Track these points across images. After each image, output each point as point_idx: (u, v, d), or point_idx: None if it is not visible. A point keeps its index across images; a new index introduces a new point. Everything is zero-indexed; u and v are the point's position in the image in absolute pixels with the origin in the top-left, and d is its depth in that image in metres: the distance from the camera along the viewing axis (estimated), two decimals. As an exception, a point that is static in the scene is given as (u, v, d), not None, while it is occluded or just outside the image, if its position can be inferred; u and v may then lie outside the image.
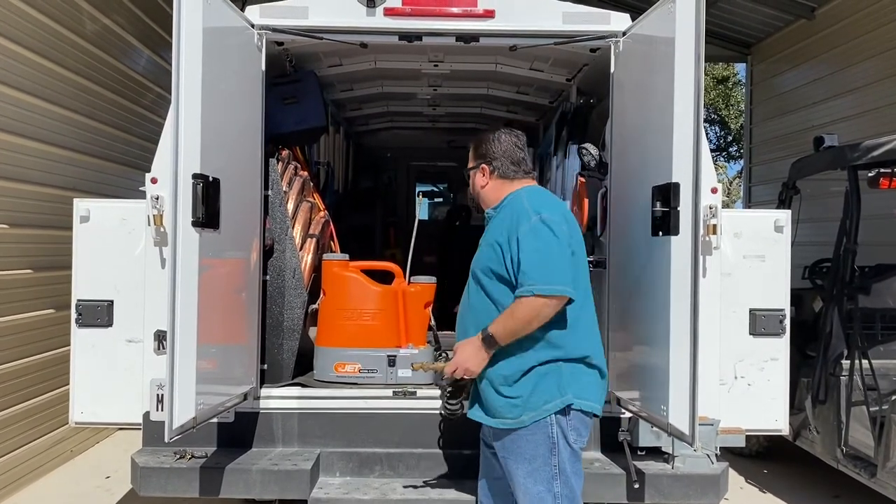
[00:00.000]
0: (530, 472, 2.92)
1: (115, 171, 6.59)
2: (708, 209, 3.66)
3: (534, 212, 2.90)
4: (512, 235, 2.89)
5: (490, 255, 2.96)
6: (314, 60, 5.00)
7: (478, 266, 3.03)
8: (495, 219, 3.10)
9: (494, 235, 2.99)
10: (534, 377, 2.90)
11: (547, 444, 2.90)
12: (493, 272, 2.95)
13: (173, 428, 3.08)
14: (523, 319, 2.81)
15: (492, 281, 2.96)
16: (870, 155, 4.85)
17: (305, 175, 4.84)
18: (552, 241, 2.85)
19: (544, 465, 2.91)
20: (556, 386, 2.91)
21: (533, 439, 2.91)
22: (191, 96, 3.17)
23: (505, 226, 2.95)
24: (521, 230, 2.86)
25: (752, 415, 4.03)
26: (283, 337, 4.19)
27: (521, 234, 2.86)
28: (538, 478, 2.91)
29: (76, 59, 5.95)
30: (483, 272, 2.99)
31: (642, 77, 3.73)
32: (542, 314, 2.81)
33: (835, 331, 5.01)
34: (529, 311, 2.80)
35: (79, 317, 3.93)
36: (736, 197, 23.20)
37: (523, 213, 2.92)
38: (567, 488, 2.94)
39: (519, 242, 2.85)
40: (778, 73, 10.47)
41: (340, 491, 3.74)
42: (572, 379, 2.93)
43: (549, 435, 2.90)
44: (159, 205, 3.67)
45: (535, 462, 2.91)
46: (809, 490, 5.65)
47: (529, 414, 2.89)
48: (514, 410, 2.90)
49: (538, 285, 2.78)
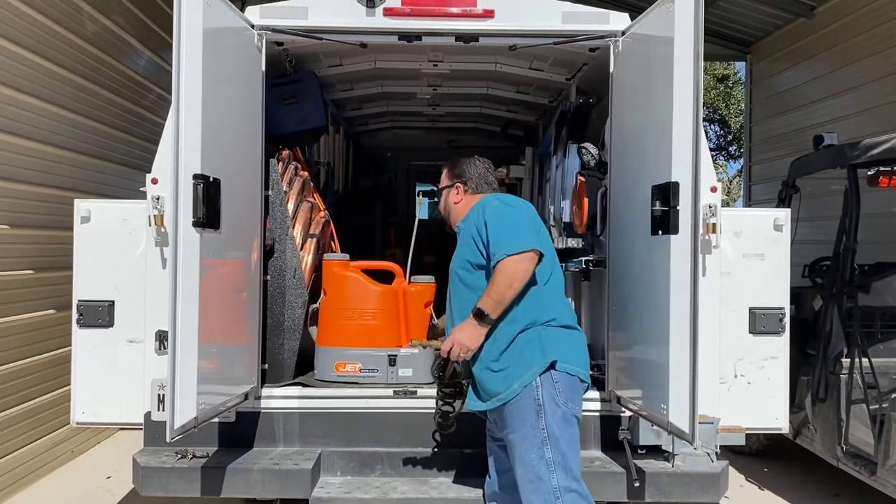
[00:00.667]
0: (522, 438, 3.02)
1: (115, 172, 6.59)
2: (707, 208, 3.67)
3: (496, 199, 3.27)
4: (480, 224, 3.16)
5: (465, 251, 3.22)
6: (314, 60, 5.01)
7: (456, 265, 3.28)
8: (462, 227, 3.36)
9: (466, 236, 3.26)
10: (517, 345, 3.08)
11: (533, 408, 3.01)
12: (470, 263, 3.19)
13: (174, 428, 3.08)
14: (505, 283, 3.00)
15: (471, 272, 3.19)
16: (869, 153, 4.86)
17: (306, 175, 4.85)
18: (513, 213, 3.17)
19: (533, 429, 3.00)
20: (540, 350, 3.08)
21: (522, 405, 3.03)
22: (191, 97, 3.18)
23: (473, 222, 3.23)
24: (487, 214, 3.15)
25: (752, 413, 4.03)
26: (283, 337, 4.20)
27: (487, 217, 3.14)
28: (529, 445, 3.00)
29: (76, 60, 5.95)
30: (462, 268, 3.23)
31: (642, 76, 3.73)
32: (521, 270, 3.01)
33: (834, 329, 5.01)
34: (508, 272, 3.00)
35: (80, 317, 3.94)
36: (736, 196, 23.20)
37: (486, 204, 3.23)
38: (559, 454, 2.99)
39: (487, 225, 3.12)
40: (777, 71, 10.46)
41: (341, 490, 3.75)
42: (553, 342, 3.10)
43: (535, 398, 3.02)
44: (160, 205, 3.68)
45: (525, 427, 3.01)
46: (809, 488, 5.65)
47: (518, 381, 3.03)
48: (506, 381, 3.05)
49: (507, 247, 3.01)
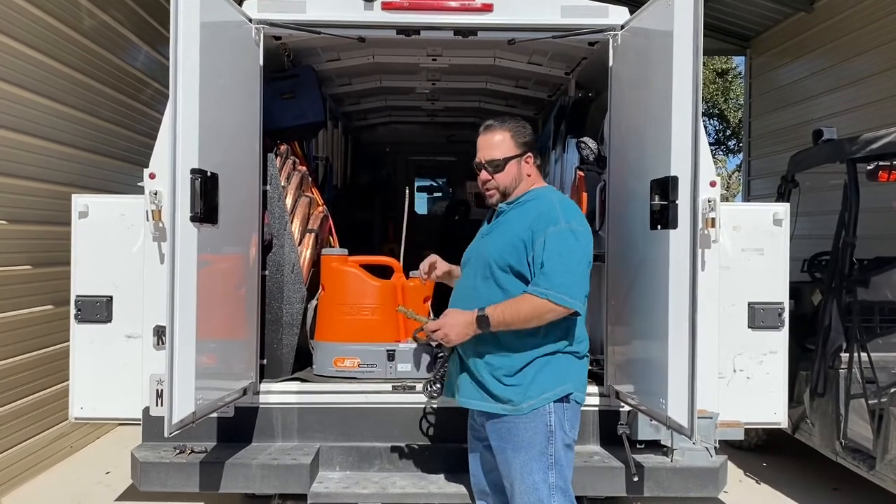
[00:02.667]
0: (526, 461, 2.94)
1: (113, 167, 6.58)
2: (706, 203, 3.66)
3: (564, 218, 2.91)
4: (538, 234, 2.88)
5: (509, 251, 2.94)
6: (312, 55, 5.00)
7: (492, 257, 2.99)
8: (510, 213, 3.07)
9: (515, 231, 2.96)
10: (535, 366, 2.94)
11: (544, 433, 2.93)
12: (511, 268, 2.94)
13: (173, 423, 3.08)
14: (524, 316, 2.84)
15: (507, 275, 2.95)
16: (868, 148, 4.85)
17: (304, 170, 4.84)
18: (578, 251, 2.87)
19: (541, 454, 2.93)
20: (557, 376, 2.95)
21: (530, 427, 2.93)
22: (189, 91, 3.17)
23: (527, 223, 2.93)
24: (550, 231, 2.86)
25: (751, 408, 4.04)
26: (282, 332, 4.20)
27: (549, 234, 2.86)
28: (534, 467, 2.93)
29: (74, 55, 5.94)
30: (499, 266, 2.96)
31: (641, 70, 3.72)
32: (544, 318, 2.85)
33: (833, 324, 5.01)
34: (533, 311, 2.82)
35: (78, 312, 3.94)
36: (735, 191, 23.20)
37: (552, 215, 2.91)
38: (562, 479, 2.97)
39: (545, 243, 2.85)
40: (777, 66, 10.45)
41: (340, 485, 3.76)
42: (570, 370, 2.99)
43: (547, 423, 2.93)
44: (158, 200, 3.67)
45: (532, 451, 2.93)
46: (808, 483, 5.66)
47: (528, 402, 2.92)
48: (515, 398, 2.93)
49: (553, 292, 2.80)
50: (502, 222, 3.08)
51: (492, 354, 2.97)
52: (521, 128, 3.11)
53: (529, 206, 3.03)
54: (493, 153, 3.06)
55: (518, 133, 3.08)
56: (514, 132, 3.08)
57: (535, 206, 3.01)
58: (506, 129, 3.08)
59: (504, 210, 3.11)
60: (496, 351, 2.96)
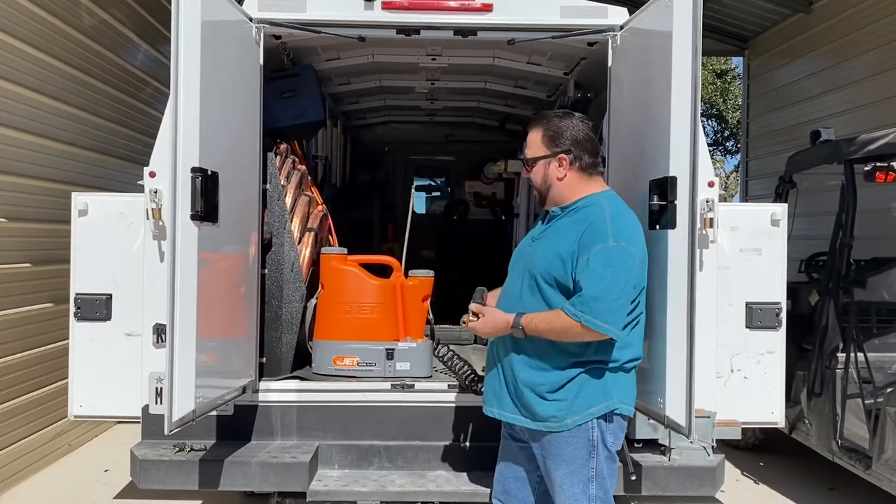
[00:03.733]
0: (568, 473, 2.91)
1: (113, 166, 6.59)
2: (705, 203, 3.67)
3: (613, 235, 2.78)
4: (584, 250, 2.78)
5: (556, 265, 2.86)
6: (312, 54, 5.00)
7: (538, 270, 2.90)
8: (563, 221, 2.96)
9: (563, 244, 2.86)
10: (578, 381, 2.89)
11: (587, 447, 2.90)
12: (556, 282, 2.87)
13: (172, 421, 3.09)
14: (555, 333, 2.81)
15: (553, 290, 2.88)
16: (866, 149, 4.87)
17: (303, 169, 4.85)
18: (621, 273, 2.76)
19: (582, 467, 2.91)
20: (601, 391, 2.90)
21: (573, 442, 2.90)
22: (189, 90, 3.17)
23: (575, 237, 2.83)
24: (594, 250, 2.76)
25: (749, 407, 4.04)
26: (281, 330, 4.20)
27: (594, 253, 2.75)
28: (574, 480, 2.91)
29: (74, 54, 5.94)
30: (545, 280, 2.88)
31: (640, 71, 3.73)
32: (576, 339, 2.82)
33: (830, 324, 5.03)
34: (565, 331, 2.78)
35: (77, 310, 3.93)
36: (734, 191, 23.22)
37: (601, 230, 2.80)
38: (602, 490, 2.95)
39: (588, 262, 2.75)
40: (775, 67, 10.47)
41: (339, 483, 3.76)
42: (616, 384, 2.93)
43: (590, 438, 2.90)
44: (158, 198, 3.67)
45: (574, 464, 2.91)
46: (805, 482, 5.68)
47: (573, 418, 2.88)
48: (559, 414, 2.88)
49: (588, 316, 2.72)
50: (553, 231, 2.98)
51: (533, 370, 2.91)
52: (555, 127, 2.98)
53: (580, 217, 2.91)
54: (527, 150, 3.04)
55: (551, 132, 2.98)
56: (547, 131, 2.99)
57: (586, 217, 2.89)
58: (541, 127, 3.01)
59: (557, 216, 3.01)
60: (537, 367, 2.90)
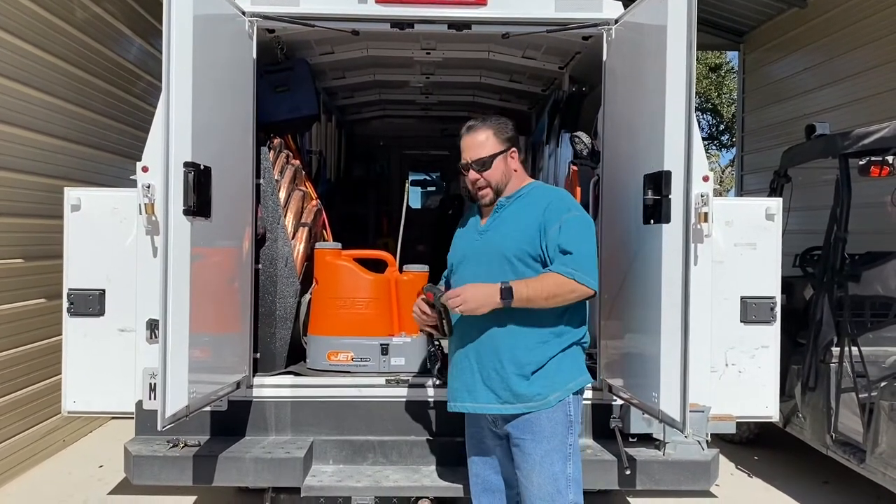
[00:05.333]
0: (548, 451, 2.97)
1: (106, 161, 6.56)
2: (699, 197, 3.67)
3: (574, 208, 3.04)
4: (552, 221, 2.95)
5: (525, 240, 2.98)
6: (306, 48, 4.98)
7: (509, 251, 2.99)
8: (510, 208, 3.10)
9: (527, 221, 3.00)
10: (557, 358, 3.00)
11: (565, 423, 3.00)
12: (529, 255, 2.98)
13: (166, 416, 3.08)
14: (548, 293, 2.88)
15: (526, 265, 2.98)
16: (861, 143, 4.87)
17: (297, 164, 4.83)
18: (592, 238, 3.00)
19: (561, 444, 2.99)
20: (576, 367, 3.06)
21: (553, 417, 2.98)
22: (181, 84, 3.15)
23: (536, 213, 2.99)
24: (566, 217, 2.95)
25: (743, 402, 4.06)
26: (275, 326, 4.19)
27: (566, 220, 2.94)
28: (555, 458, 2.98)
29: (67, 48, 5.91)
30: (518, 257, 2.98)
31: (634, 65, 3.72)
32: (567, 297, 2.91)
33: (825, 318, 5.04)
34: (558, 289, 2.88)
35: (70, 306, 3.92)
36: (728, 186, 23.25)
37: (563, 204, 3.02)
38: (577, 471, 3.04)
39: (562, 228, 2.93)
40: (770, 61, 10.47)
41: (333, 478, 3.76)
42: (580, 359, 3.11)
43: (567, 413, 3.01)
44: (151, 193, 3.65)
45: (553, 441, 2.98)
46: (799, 476, 5.69)
47: (556, 394, 2.98)
48: (543, 391, 2.97)
49: (580, 273, 2.88)
50: (504, 218, 3.10)
51: (518, 349, 2.97)
52: (502, 124, 3.16)
53: (534, 197, 3.09)
54: (479, 152, 3.09)
55: (500, 129, 3.13)
56: (497, 129, 3.13)
57: (542, 196, 3.08)
58: (488, 126, 3.13)
59: (504, 205, 3.12)
60: (522, 345, 2.96)
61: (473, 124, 3.16)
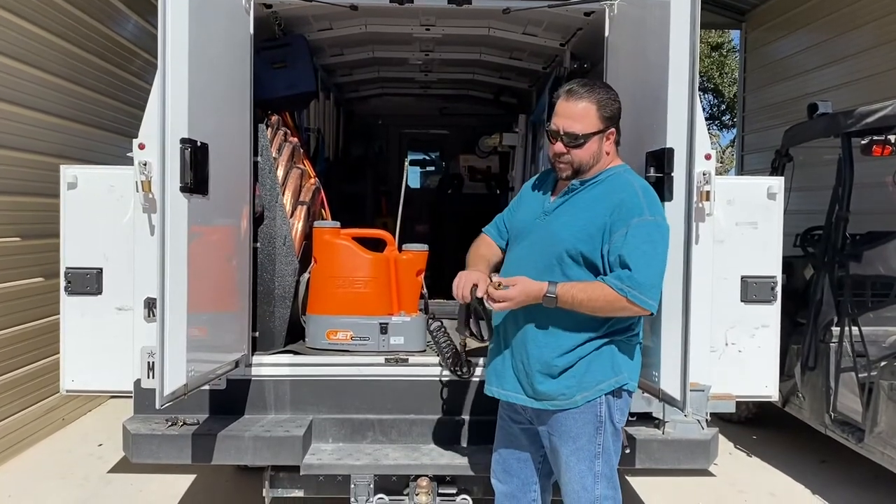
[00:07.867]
0: (574, 450, 2.89)
1: (102, 138, 6.51)
2: (702, 175, 3.63)
3: (649, 210, 2.72)
4: (619, 224, 2.68)
5: (584, 238, 2.74)
6: (304, 24, 4.92)
7: (564, 245, 2.77)
8: (582, 195, 2.84)
9: (592, 217, 2.75)
10: (588, 358, 2.82)
11: (594, 423, 2.86)
12: (583, 257, 2.76)
13: (164, 395, 3.06)
14: (595, 306, 2.69)
15: (579, 267, 2.77)
16: (863, 122, 4.84)
17: (295, 141, 4.79)
18: (660, 249, 2.71)
19: (589, 443, 2.87)
20: (611, 366, 2.84)
21: (581, 418, 2.85)
22: (177, 60, 3.10)
23: (607, 210, 2.72)
24: (634, 223, 2.67)
25: (743, 381, 4.05)
26: (274, 304, 4.17)
27: (633, 226, 2.66)
28: (581, 456, 2.88)
29: (62, 24, 5.84)
30: (571, 256, 2.76)
31: (637, 41, 3.68)
32: (616, 313, 2.73)
33: (825, 298, 5.04)
34: (606, 303, 2.67)
35: (68, 285, 3.89)
36: (729, 165, 23.19)
37: (636, 203, 2.71)
38: (608, 467, 2.92)
39: (627, 236, 2.66)
40: (772, 40, 10.39)
41: (333, 457, 3.76)
42: (624, 359, 2.89)
43: (598, 414, 2.85)
44: (147, 171, 3.61)
45: (580, 440, 2.87)
46: (797, 455, 5.72)
47: (583, 394, 2.82)
48: (568, 391, 2.82)
49: (634, 291, 2.64)
50: (574, 204, 2.84)
51: (547, 347, 2.81)
52: (609, 99, 2.82)
53: (607, 189, 2.80)
54: (573, 125, 2.77)
55: (604, 105, 2.80)
56: (601, 104, 2.79)
57: (615, 190, 2.78)
58: (592, 98, 2.78)
59: (576, 189, 2.86)
60: (553, 343, 2.80)
61: (575, 89, 2.80)
